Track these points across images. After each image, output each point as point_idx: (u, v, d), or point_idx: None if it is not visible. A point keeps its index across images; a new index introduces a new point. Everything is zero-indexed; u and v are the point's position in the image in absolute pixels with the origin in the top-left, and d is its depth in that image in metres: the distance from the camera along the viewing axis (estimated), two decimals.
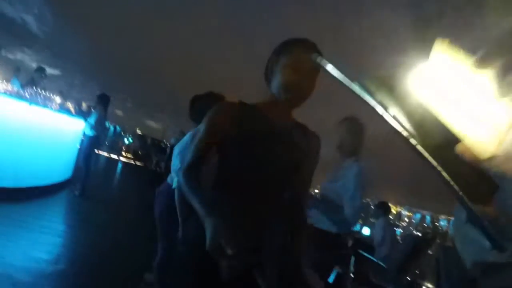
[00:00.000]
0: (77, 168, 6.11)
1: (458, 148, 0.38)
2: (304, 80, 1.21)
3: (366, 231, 6.86)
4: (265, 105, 1.30)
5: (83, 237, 3.77)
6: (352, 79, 0.47)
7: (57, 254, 3.04)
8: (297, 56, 1.21)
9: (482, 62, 0.37)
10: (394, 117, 0.40)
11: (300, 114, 1.33)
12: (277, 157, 1.22)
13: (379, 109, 0.41)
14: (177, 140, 9.93)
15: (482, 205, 0.40)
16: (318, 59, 0.49)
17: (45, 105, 4.94)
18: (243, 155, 1.22)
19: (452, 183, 0.36)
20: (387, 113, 0.41)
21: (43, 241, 3.21)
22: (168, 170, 6.25)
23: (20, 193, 4.31)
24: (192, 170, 1.24)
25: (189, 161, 1.25)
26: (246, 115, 1.26)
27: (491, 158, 0.37)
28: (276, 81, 1.24)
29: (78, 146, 6.48)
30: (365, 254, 4.12)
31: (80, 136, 6.42)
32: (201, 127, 1.28)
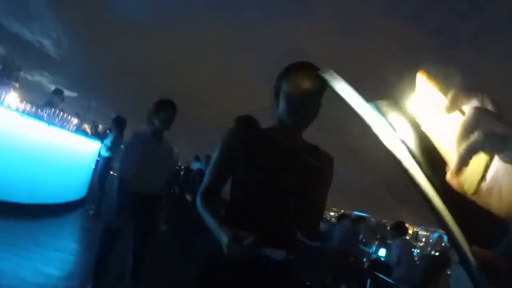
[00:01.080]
0: (92, 188, 6.18)
1: (448, 177, 0.37)
2: (308, 104, 1.22)
3: (382, 252, 6.68)
4: (276, 129, 1.32)
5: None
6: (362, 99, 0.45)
7: (69, 271, 3.04)
8: (299, 81, 1.22)
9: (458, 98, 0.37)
10: (403, 141, 0.38)
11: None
12: (290, 181, 1.22)
13: (389, 132, 0.39)
14: (201, 165, 10.00)
15: (480, 246, 0.38)
16: (328, 76, 0.46)
17: (62, 126, 5.07)
18: (256, 180, 1.23)
19: (447, 217, 0.35)
20: (396, 137, 0.39)
21: (56, 258, 3.22)
22: (182, 193, 6.24)
23: (36, 210, 4.37)
24: (207, 194, 1.29)
25: (205, 185, 1.31)
26: (258, 140, 1.28)
27: (475, 192, 0.35)
28: (281, 107, 1.26)
29: (93, 166, 6.58)
30: (382, 276, 4.00)
31: (96, 157, 6.52)
32: (215, 151, 1.32)
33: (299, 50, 1.34)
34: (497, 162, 0.35)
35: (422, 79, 0.40)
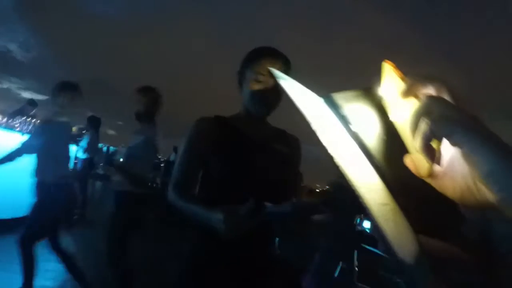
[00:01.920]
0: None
1: (406, 160, 0.37)
2: (271, 91, 1.21)
3: (366, 224, 6.84)
4: (241, 117, 1.31)
5: (86, 262, 3.76)
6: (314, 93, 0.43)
7: (62, 280, 3.05)
8: (261, 68, 1.20)
9: (415, 85, 0.36)
10: (355, 134, 0.36)
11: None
12: (261, 169, 1.22)
13: (340, 126, 0.37)
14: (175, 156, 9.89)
15: (436, 237, 0.37)
16: (274, 73, 0.44)
17: None
18: (227, 171, 1.22)
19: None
20: (348, 129, 0.37)
21: (48, 268, 3.20)
22: (164, 186, 6.23)
23: (19, 223, 4.29)
24: (178, 188, 1.24)
25: (175, 180, 1.26)
26: (224, 130, 1.27)
27: (430, 176, 0.36)
28: (245, 95, 1.26)
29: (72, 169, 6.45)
30: (369, 248, 4.10)
31: (73, 160, 6.41)
32: (182, 146, 1.28)
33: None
34: (452, 148, 0.34)
35: (388, 69, 0.40)
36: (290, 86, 0.42)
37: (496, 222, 0.35)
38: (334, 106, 0.38)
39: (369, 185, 0.36)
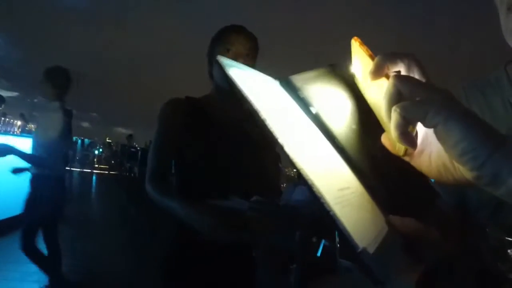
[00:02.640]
0: None
1: (382, 138, 0.36)
2: (243, 60, 1.18)
3: None
4: (213, 98, 1.31)
5: (70, 260, 3.73)
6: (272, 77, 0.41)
7: (46, 282, 3.02)
8: (231, 42, 1.21)
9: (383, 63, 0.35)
10: (317, 114, 0.35)
11: None
12: (236, 151, 1.21)
13: (297, 110, 0.36)
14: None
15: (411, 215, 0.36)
16: (221, 61, 0.36)
17: (6, 132, 4.79)
18: (202, 156, 1.20)
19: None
20: (307, 112, 0.36)
21: (31, 271, 3.16)
22: (142, 175, 6.17)
23: (1, 226, 4.20)
24: (156, 179, 1.20)
25: (152, 171, 1.21)
26: (197, 113, 1.25)
27: (405, 154, 0.35)
28: (216, 72, 1.26)
29: None
30: None
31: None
32: (156, 133, 1.25)
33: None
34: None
35: (356, 47, 0.39)
36: (238, 73, 0.37)
37: (471, 190, 0.37)
38: (291, 89, 0.37)
39: (326, 171, 0.34)
